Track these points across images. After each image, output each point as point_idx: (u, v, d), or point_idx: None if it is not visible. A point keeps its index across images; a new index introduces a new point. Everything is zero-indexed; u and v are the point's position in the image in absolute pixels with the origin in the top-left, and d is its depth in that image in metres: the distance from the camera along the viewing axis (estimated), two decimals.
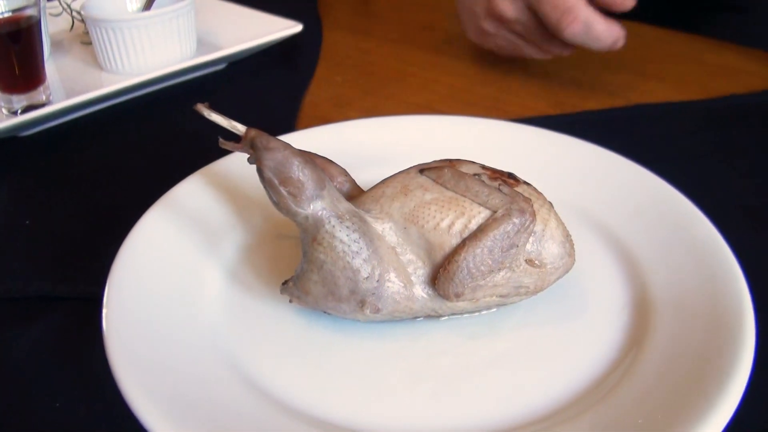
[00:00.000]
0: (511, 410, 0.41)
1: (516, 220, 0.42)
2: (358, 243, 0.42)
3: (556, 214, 0.45)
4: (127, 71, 0.81)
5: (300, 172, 0.42)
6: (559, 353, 0.44)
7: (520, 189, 0.45)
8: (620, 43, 0.74)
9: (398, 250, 0.44)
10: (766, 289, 0.47)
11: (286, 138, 0.61)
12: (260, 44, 0.85)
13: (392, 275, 0.43)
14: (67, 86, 0.80)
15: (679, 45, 0.90)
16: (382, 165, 0.53)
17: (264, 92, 0.82)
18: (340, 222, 0.43)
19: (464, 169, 0.45)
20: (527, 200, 0.43)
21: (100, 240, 0.54)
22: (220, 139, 0.44)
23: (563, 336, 0.45)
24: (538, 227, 0.44)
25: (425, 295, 0.44)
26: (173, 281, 0.48)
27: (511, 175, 0.45)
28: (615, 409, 0.39)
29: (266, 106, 0.79)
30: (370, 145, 0.61)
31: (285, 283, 0.46)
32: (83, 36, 0.89)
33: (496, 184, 0.44)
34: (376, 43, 0.95)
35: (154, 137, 0.73)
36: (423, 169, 0.46)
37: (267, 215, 0.55)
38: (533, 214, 0.43)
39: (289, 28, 0.87)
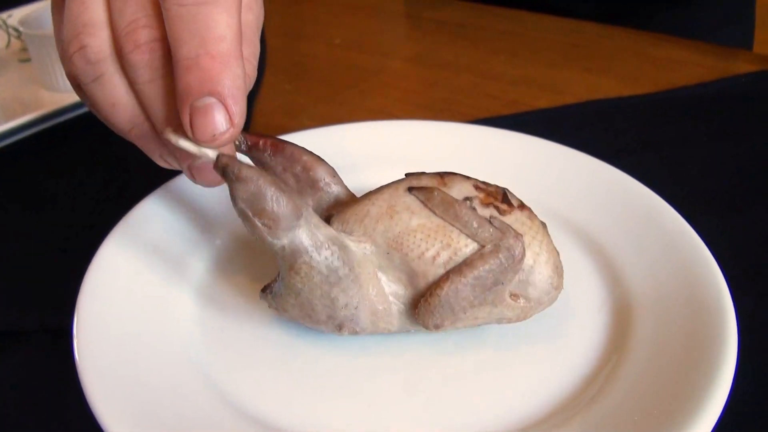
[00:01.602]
0: (498, 419, 0.40)
1: (503, 259, 0.41)
2: (337, 273, 0.41)
3: (549, 242, 0.44)
4: (69, 88, 0.78)
5: (274, 204, 0.39)
6: (543, 358, 0.44)
7: (513, 216, 0.43)
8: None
9: (379, 274, 0.43)
10: (739, 274, 0.47)
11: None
12: None
13: (371, 300, 0.42)
14: (7, 106, 0.77)
15: (622, 40, 0.91)
16: (348, 172, 0.53)
17: None
18: (318, 252, 0.41)
19: (456, 188, 0.43)
20: (518, 237, 0.41)
21: (61, 267, 0.52)
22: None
23: (546, 341, 0.45)
24: (527, 262, 0.42)
25: (404, 320, 0.43)
26: (143, 306, 0.46)
27: (505, 198, 0.43)
28: (603, 412, 0.39)
29: None
30: (332, 153, 0.60)
31: (264, 290, 0.45)
32: (21, 53, 0.86)
33: (487, 212, 0.42)
34: (321, 48, 0.94)
35: (105, 156, 0.71)
36: (412, 188, 0.43)
37: (234, 228, 0.54)
38: (523, 253, 0.41)
39: None
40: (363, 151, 0.60)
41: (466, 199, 0.42)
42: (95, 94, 0.39)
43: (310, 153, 0.47)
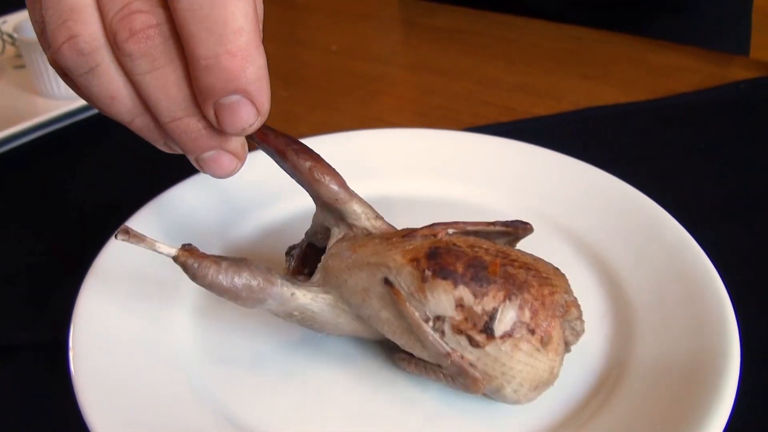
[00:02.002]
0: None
1: (461, 386, 0.40)
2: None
3: (534, 376, 0.39)
4: (64, 95, 0.78)
5: (232, 287, 0.40)
6: None
7: (491, 347, 0.38)
8: None
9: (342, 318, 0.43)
10: (740, 282, 0.47)
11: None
12: None
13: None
14: (2, 113, 0.77)
15: (619, 46, 0.91)
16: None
17: None
18: (290, 319, 0.42)
19: (436, 299, 0.39)
20: (476, 383, 0.39)
21: (51, 283, 0.52)
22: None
23: None
24: (501, 391, 0.40)
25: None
26: (139, 320, 0.46)
27: (488, 326, 0.38)
28: (606, 427, 0.39)
29: None
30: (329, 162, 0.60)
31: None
32: (15, 60, 0.86)
33: (461, 339, 0.39)
34: (318, 54, 0.94)
35: (99, 165, 0.70)
36: (388, 280, 0.40)
37: (230, 241, 0.54)
38: (479, 390, 0.39)
39: None
40: (360, 161, 0.59)
41: (438, 318, 0.39)
42: (90, 87, 0.36)
43: (313, 167, 0.44)
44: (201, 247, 0.41)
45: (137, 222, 0.52)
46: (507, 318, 0.38)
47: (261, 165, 0.50)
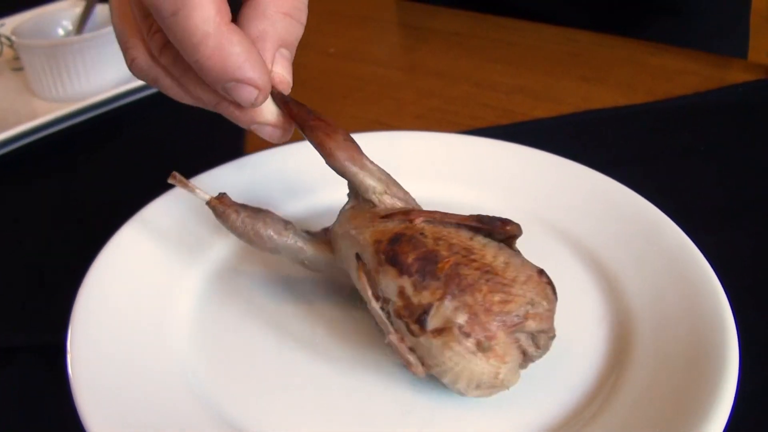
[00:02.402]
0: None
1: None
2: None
3: (469, 373, 0.39)
4: (62, 98, 0.78)
5: (246, 233, 0.47)
6: (542, 375, 0.43)
7: (423, 338, 0.39)
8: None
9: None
10: (739, 286, 0.47)
11: (235, 163, 0.60)
12: None
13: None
14: (0, 116, 0.77)
15: (618, 49, 0.91)
16: (342, 183, 0.52)
17: (207, 115, 0.80)
18: (301, 264, 0.48)
19: (386, 281, 0.41)
20: (409, 366, 0.41)
21: (49, 285, 0.52)
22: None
23: (545, 356, 0.45)
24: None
25: None
26: (136, 322, 0.46)
27: (421, 318, 0.39)
28: (615, 421, 0.39)
29: (211, 129, 0.77)
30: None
31: None
32: (13, 62, 0.86)
33: (399, 324, 0.41)
34: (316, 57, 0.94)
35: (97, 167, 0.70)
36: (358, 255, 0.44)
37: (227, 244, 0.54)
38: (414, 372, 0.41)
39: None
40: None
41: (386, 300, 0.41)
42: (169, 92, 0.46)
43: (323, 141, 0.46)
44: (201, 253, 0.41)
45: (136, 224, 0.52)
46: (440, 316, 0.39)
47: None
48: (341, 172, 0.46)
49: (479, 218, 0.43)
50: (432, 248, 0.41)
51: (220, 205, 0.47)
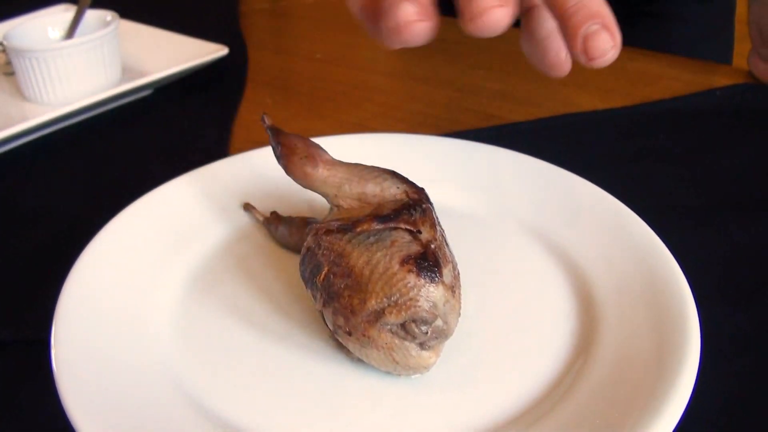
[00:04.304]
0: (469, 421, 0.41)
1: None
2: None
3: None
4: (52, 101, 0.79)
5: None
6: (509, 365, 0.45)
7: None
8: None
9: None
10: (705, 284, 0.48)
11: (225, 162, 0.61)
12: (186, 69, 0.84)
13: None
14: None
15: None
16: None
17: (193, 117, 0.82)
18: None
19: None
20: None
21: (38, 281, 0.53)
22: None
23: (512, 347, 0.46)
24: None
25: None
26: (120, 316, 0.47)
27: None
28: (568, 413, 0.40)
29: (196, 131, 0.79)
30: None
31: None
32: (5, 66, 0.87)
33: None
34: (303, 62, 0.95)
35: (84, 168, 0.72)
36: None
37: (212, 240, 0.56)
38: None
39: (215, 51, 0.87)
40: None
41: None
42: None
43: (282, 160, 0.50)
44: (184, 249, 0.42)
45: (121, 222, 0.54)
46: (329, 320, 0.44)
47: None
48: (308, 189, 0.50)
49: (377, 218, 0.44)
50: (317, 261, 0.44)
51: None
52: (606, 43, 0.44)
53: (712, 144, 0.71)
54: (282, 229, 0.55)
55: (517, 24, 0.93)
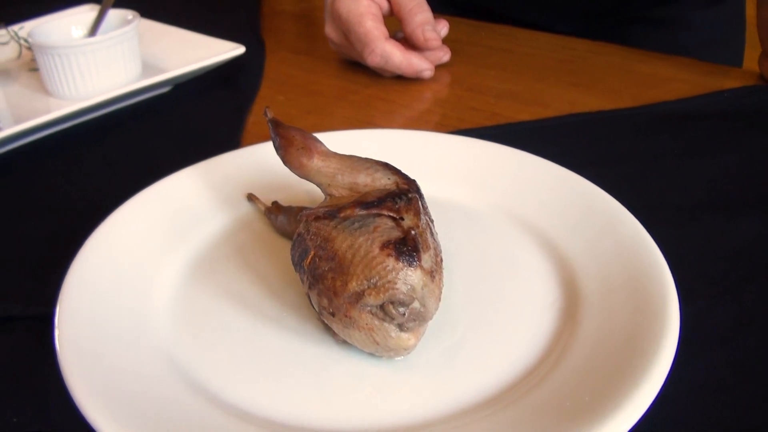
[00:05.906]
0: (448, 402, 0.43)
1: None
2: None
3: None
4: (74, 96, 0.82)
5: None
6: (490, 349, 0.47)
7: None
8: (426, 74, 0.88)
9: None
10: (690, 278, 0.50)
11: (231, 154, 0.64)
12: (204, 66, 0.87)
13: None
14: (15, 113, 0.81)
15: (609, 56, 0.93)
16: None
17: (209, 113, 0.84)
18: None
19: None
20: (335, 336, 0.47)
21: (49, 261, 0.55)
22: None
23: (496, 332, 0.48)
24: None
25: None
26: (124, 297, 0.50)
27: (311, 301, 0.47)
28: (547, 394, 0.42)
29: (211, 126, 0.81)
30: None
31: None
32: (31, 63, 0.90)
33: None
34: (319, 63, 0.97)
35: (101, 160, 0.74)
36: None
37: (216, 225, 0.58)
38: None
39: (232, 50, 0.89)
40: None
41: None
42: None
43: (281, 153, 0.53)
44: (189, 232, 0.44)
45: (129, 208, 0.56)
46: (314, 302, 0.46)
47: None
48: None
49: (361, 205, 0.46)
50: (305, 246, 0.47)
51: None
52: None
53: (715, 145, 0.71)
54: (282, 218, 0.57)
55: (534, 27, 0.96)
